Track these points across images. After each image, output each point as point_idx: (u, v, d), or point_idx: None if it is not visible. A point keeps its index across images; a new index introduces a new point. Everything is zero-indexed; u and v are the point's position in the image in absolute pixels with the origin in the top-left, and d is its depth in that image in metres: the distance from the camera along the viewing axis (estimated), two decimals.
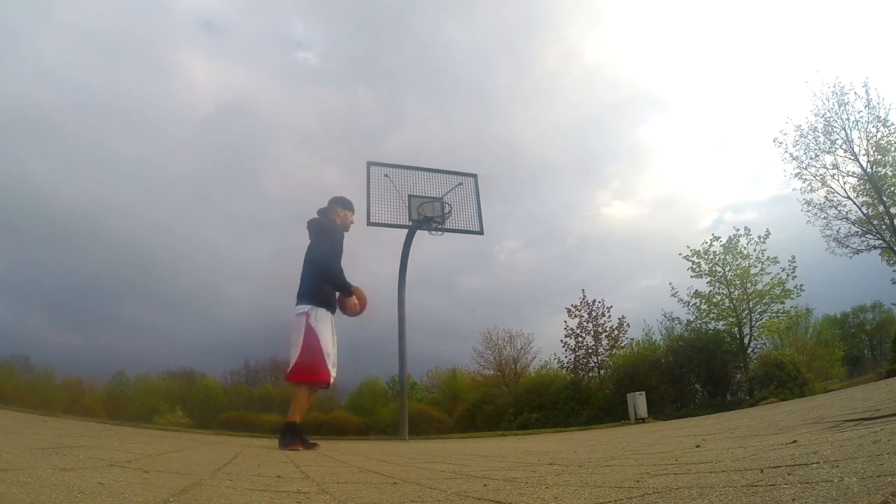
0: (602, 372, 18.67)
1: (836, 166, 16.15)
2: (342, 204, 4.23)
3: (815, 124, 16.34)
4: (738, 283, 16.77)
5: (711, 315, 17.22)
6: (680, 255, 17.85)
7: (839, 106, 15.94)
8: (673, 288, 18.03)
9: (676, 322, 18.35)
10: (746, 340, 16.58)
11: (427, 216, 11.43)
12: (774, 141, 17.08)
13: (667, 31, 57.06)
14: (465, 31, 56.81)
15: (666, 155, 59.59)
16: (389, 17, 58.07)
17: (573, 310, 19.46)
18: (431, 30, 58.30)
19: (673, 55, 58.88)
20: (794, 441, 1.71)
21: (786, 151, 16.85)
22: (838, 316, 29.09)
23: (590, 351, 19.08)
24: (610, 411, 15.71)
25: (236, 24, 56.98)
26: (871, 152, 15.54)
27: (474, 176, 12.51)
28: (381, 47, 59.16)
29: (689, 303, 17.57)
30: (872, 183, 15.43)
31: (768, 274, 16.58)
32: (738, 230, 17.27)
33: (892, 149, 15.31)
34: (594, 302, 19.41)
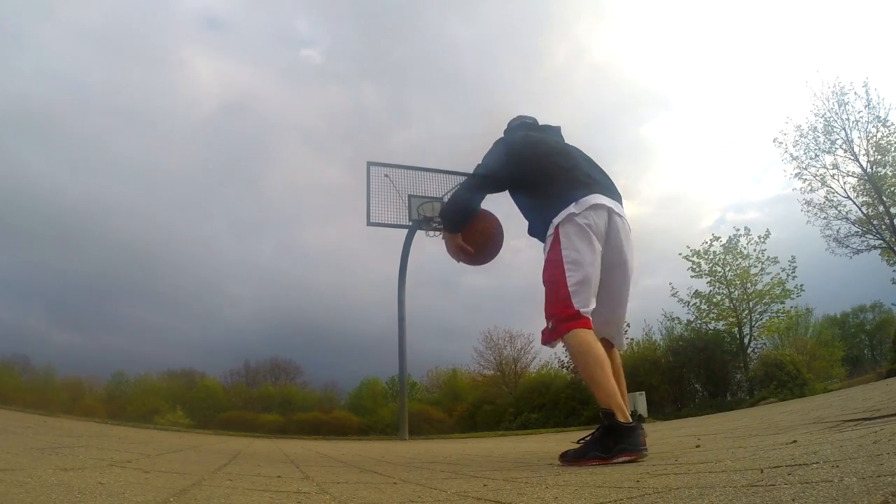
0: None
1: (836, 166, 16.18)
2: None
3: (815, 124, 16.38)
4: (738, 283, 16.77)
5: (711, 315, 17.22)
6: (680, 254, 17.88)
7: (839, 106, 15.97)
8: (673, 288, 18.05)
9: (676, 322, 18.37)
10: (746, 340, 16.58)
11: (427, 216, 11.44)
12: (774, 141, 17.11)
13: (670, 29, 57.09)
14: (470, 27, 56.88)
15: (669, 154, 59.65)
16: (394, 13, 58.17)
17: None
18: (437, 27, 58.37)
19: (676, 54, 58.95)
20: (794, 441, 1.71)
21: (786, 151, 16.89)
22: (838, 316, 29.15)
23: None
24: None
25: (239, 22, 57.09)
26: (871, 152, 15.55)
27: None
28: (385, 45, 59.26)
29: (689, 303, 17.58)
30: (872, 183, 15.43)
31: (768, 274, 16.60)
32: (738, 230, 17.30)
33: (892, 149, 15.32)
34: None
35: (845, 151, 15.98)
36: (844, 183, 16.16)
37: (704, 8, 55.38)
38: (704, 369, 15.82)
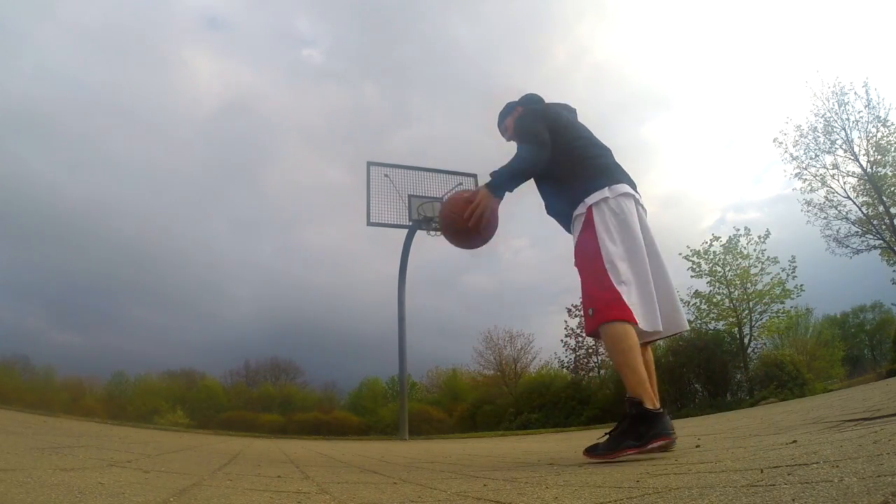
0: (602, 372, 18.68)
1: (836, 166, 16.18)
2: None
3: (815, 124, 16.37)
4: (738, 283, 16.76)
5: (711, 315, 17.22)
6: (680, 254, 17.88)
7: (839, 106, 15.96)
8: None
9: None
10: (746, 340, 16.58)
11: (427, 216, 11.44)
12: (774, 141, 17.11)
13: (671, 29, 57.13)
14: (472, 27, 56.97)
15: (670, 154, 59.72)
16: (395, 13, 58.28)
17: (573, 309, 19.54)
18: (438, 26, 58.47)
19: (677, 54, 59.00)
20: (794, 441, 1.71)
21: (786, 151, 16.89)
22: (838, 316, 29.15)
23: (590, 351, 19.11)
24: (610, 411, 15.71)
25: (241, 21, 57.16)
26: (871, 152, 15.55)
27: (474, 176, 12.52)
28: (386, 44, 59.33)
29: (689, 303, 17.56)
30: (872, 183, 15.42)
31: (768, 274, 16.59)
32: (738, 230, 17.30)
33: (892, 149, 15.32)
34: None
35: (845, 151, 16.00)
36: (844, 183, 16.18)
37: (705, 8, 55.44)
38: (704, 369, 15.81)
